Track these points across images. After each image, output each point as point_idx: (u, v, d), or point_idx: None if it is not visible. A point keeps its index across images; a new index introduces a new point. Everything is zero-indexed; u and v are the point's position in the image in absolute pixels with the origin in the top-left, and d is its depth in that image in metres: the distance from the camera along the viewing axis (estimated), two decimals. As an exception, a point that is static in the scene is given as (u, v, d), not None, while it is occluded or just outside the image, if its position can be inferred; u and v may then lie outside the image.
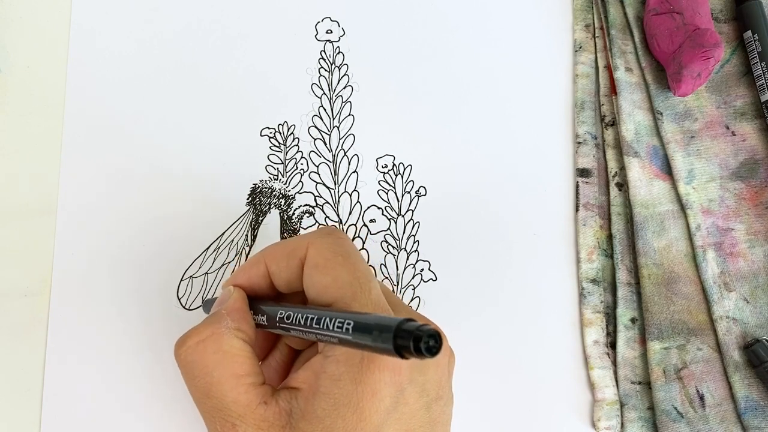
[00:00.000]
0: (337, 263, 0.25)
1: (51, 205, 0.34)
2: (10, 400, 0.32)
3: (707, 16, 0.37)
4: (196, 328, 0.25)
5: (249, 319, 0.26)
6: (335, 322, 0.21)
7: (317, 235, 0.26)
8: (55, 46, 0.36)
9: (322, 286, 0.24)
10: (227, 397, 0.23)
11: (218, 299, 0.27)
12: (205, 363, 0.24)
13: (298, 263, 0.25)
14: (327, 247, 0.25)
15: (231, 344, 0.24)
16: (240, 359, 0.24)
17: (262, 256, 0.27)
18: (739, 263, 0.35)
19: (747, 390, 0.33)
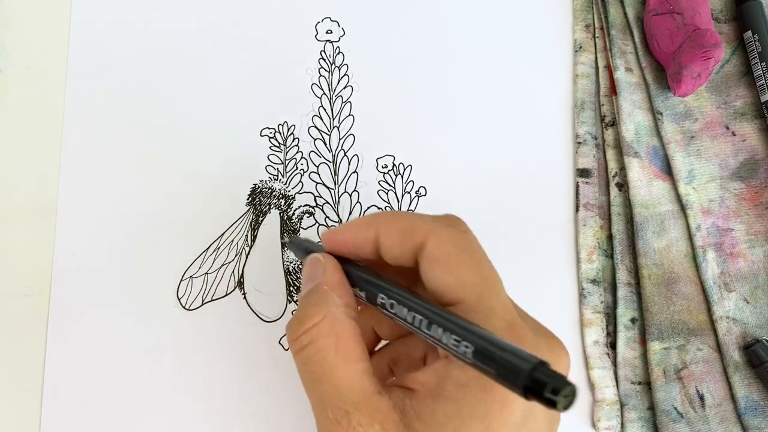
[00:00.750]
0: (461, 260, 0.23)
1: (51, 205, 0.34)
2: (10, 400, 0.32)
3: (707, 17, 0.37)
4: (307, 310, 0.23)
5: (351, 292, 0.24)
6: (452, 339, 0.20)
7: (438, 225, 0.24)
8: (55, 46, 0.36)
9: (443, 283, 0.23)
10: (342, 383, 0.22)
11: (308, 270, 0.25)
12: (320, 346, 0.22)
13: (412, 247, 0.23)
14: (450, 241, 0.23)
15: (343, 326, 0.23)
16: (352, 342, 0.23)
17: (375, 221, 0.25)
18: (739, 263, 0.35)
19: (747, 390, 0.33)
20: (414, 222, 0.24)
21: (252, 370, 0.33)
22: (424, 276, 0.23)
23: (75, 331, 0.33)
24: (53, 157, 0.35)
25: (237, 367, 0.33)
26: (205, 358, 0.33)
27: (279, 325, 0.34)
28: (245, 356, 0.33)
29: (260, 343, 0.33)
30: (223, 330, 0.33)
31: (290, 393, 0.33)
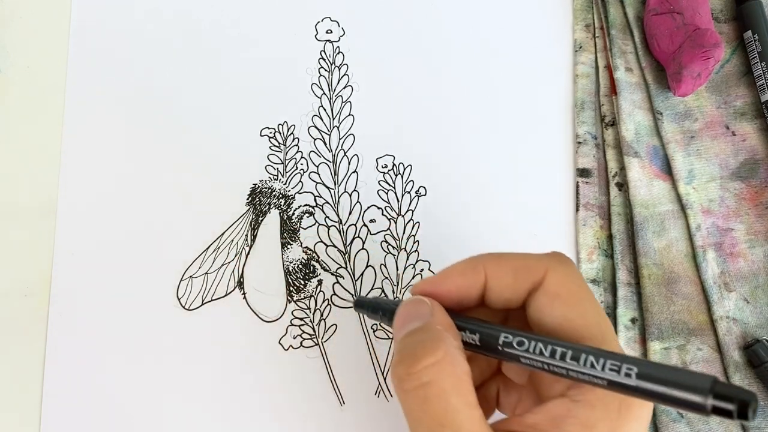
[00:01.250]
0: (583, 297, 0.23)
1: (51, 205, 0.34)
2: (10, 400, 0.32)
3: (707, 16, 0.37)
4: (424, 346, 0.22)
5: (459, 334, 0.23)
6: (608, 364, 0.19)
7: (555, 261, 0.23)
8: (55, 46, 0.36)
9: (565, 320, 0.22)
10: (464, 427, 0.21)
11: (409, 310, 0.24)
12: (443, 387, 0.21)
13: (528, 286, 0.23)
14: (570, 277, 0.23)
15: (463, 367, 0.22)
16: (470, 385, 0.21)
17: (481, 264, 0.24)
18: (739, 263, 0.35)
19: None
20: (527, 260, 0.23)
21: (252, 370, 0.33)
22: (538, 314, 0.23)
23: (75, 330, 0.33)
24: (53, 157, 0.35)
25: (237, 367, 0.33)
26: (205, 358, 0.33)
27: (279, 325, 0.34)
28: (245, 356, 0.33)
29: (260, 343, 0.33)
30: (223, 330, 0.33)
31: (290, 393, 0.33)
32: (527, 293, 0.23)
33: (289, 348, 0.34)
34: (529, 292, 0.23)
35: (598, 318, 0.22)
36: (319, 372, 0.33)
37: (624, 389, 0.19)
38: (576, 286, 0.23)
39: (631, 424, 0.21)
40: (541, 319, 0.23)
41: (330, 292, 0.34)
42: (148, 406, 0.32)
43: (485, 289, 0.24)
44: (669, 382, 0.18)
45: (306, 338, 0.34)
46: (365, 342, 0.34)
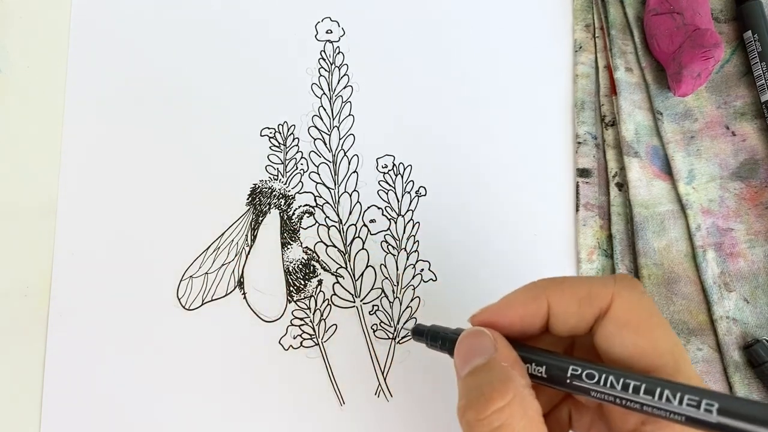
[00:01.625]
0: (654, 325, 0.22)
1: (51, 205, 0.34)
2: (10, 400, 0.32)
3: (707, 16, 0.37)
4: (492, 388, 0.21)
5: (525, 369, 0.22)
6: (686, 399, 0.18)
7: (623, 286, 0.22)
8: (55, 46, 0.36)
9: (636, 349, 0.21)
10: None
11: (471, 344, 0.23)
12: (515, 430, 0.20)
13: (594, 313, 0.22)
14: (640, 304, 0.22)
15: (533, 407, 0.21)
16: (541, 425, 0.21)
17: (543, 292, 0.23)
18: (739, 263, 0.35)
19: (747, 390, 0.33)
20: (592, 286, 0.22)
21: (252, 370, 0.33)
22: (606, 343, 0.22)
23: (75, 330, 0.33)
24: (53, 157, 0.35)
25: (237, 367, 0.33)
26: (204, 358, 0.33)
27: (279, 325, 0.34)
28: (245, 356, 0.33)
29: (260, 343, 0.33)
30: (223, 330, 0.33)
31: (290, 393, 0.33)
32: (593, 320, 0.22)
33: (289, 348, 0.34)
34: (595, 318, 0.22)
35: (672, 346, 0.21)
36: (319, 372, 0.33)
37: (703, 426, 0.18)
38: (646, 312, 0.22)
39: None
40: (610, 349, 0.22)
41: (330, 292, 0.34)
42: (148, 406, 0.32)
43: (549, 317, 0.23)
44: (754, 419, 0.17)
45: (306, 338, 0.34)
46: (365, 342, 0.34)
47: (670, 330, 0.22)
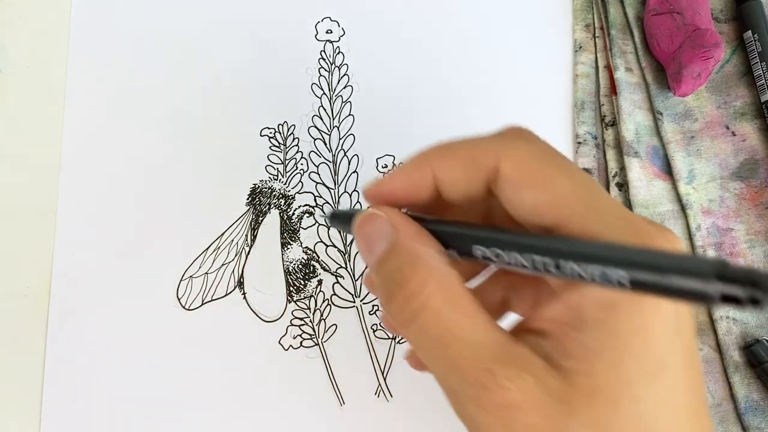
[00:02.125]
0: (550, 173, 0.20)
1: (51, 205, 0.34)
2: (10, 401, 0.32)
3: (707, 16, 0.37)
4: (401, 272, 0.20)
5: (433, 238, 0.21)
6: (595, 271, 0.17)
7: (509, 143, 0.21)
8: (55, 46, 0.36)
9: (539, 204, 0.19)
10: (470, 340, 0.19)
11: (375, 228, 0.21)
12: (434, 307, 0.19)
13: (482, 176, 0.20)
14: (530, 156, 0.20)
15: (449, 276, 0.19)
16: (463, 292, 0.19)
17: (427, 161, 0.21)
18: (739, 263, 0.35)
19: (747, 390, 0.33)
20: (475, 148, 0.21)
21: (252, 370, 0.33)
22: (508, 206, 0.20)
23: (74, 330, 0.33)
24: (53, 157, 0.35)
25: (237, 367, 0.33)
26: (204, 358, 0.33)
27: (279, 325, 0.34)
28: (245, 356, 0.33)
29: (260, 343, 0.33)
30: (223, 330, 0.33)
31: (290, 393, 0.33)
32: (485, 183, 0.21)
33: (289, 348, 0.33)
34: (487, 181, 0.20)
35: (574, 188, 0.19)
36: (319, 372, 0.33)
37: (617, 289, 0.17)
38: (537, 162, 0.20)
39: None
40: (515, 211, 0.20)
41: (330, 292, 0.34)
42: (147, 406, 0.32)
43: (439, 184, 0.21)
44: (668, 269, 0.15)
45: (306, 338, 0.34)
46: (365, 342, 0.34)
47: (572, 172, 0.20)
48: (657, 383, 0.18)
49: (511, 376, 0.18)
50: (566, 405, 0.18)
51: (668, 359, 0.19)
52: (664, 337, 0.19)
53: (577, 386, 0.18)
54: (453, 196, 0.21)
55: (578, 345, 0.19)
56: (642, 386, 0.18)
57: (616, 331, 0.18)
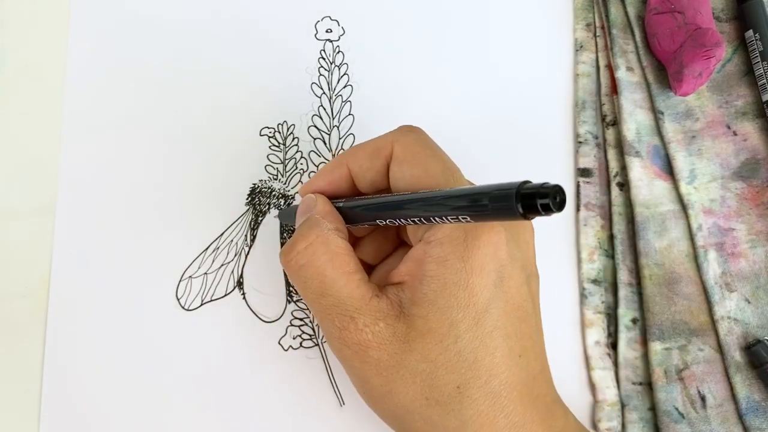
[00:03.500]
0: (426, 155, 0.25)
1: (50, 205, 0.34)
2: (9, 401, 0.32)
3: (708, 16, 0.37)
4: (300, 234, 0.25)
5: (341, 219, 0.27)
6: (444, 198, 0.21)
7: (401, 133, 0.26)
8: (55, 46, 0.36)
9: (413, 177, 0.25)
10: (342, 293, 0.24)
11: (301, 207, 0.27)
12: (317, 264, 0.25)
13: (383, 162, 0.26)
14: (414, 142, 0.26)
15: (337, 244, 0.25)
16: (347, 257, 0.25)
17: (343, 159, 0.27)
18: (740, 263, 0.35)
19: (748, 391, 0.33)
20: (379, 140, 0.27)
21: (251, 371, 0.33)
22: (394, 179, 0.26)
23: (74, 331, 0.33)
24: (52, 157, 0.35)
25: (236, 368, 0.33)
26: (204, 359, 0.33)
27: (278, 325, 0.34)
28: (244, 356, 0.33)
29: (259, 343, 0.33)
30: (222, 330, 0.33)
31: (290, 393, 0.33)
32: (385, 169, 0.26)
33: (288, 348, 0.33)
34: (386, 168, 0.26)
35: (442, 169, 0.25)
36: (319, 372, 0.33)
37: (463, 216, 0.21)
38: (419, 146, 0.26)
39: (481, 250, 0.23)
40: (396, 185, 0.26)
41: (330, 293, 0.34)
42: (147, 407, 0.32)
43: (354, 176, 0.27)
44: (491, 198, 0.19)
45: (306, 338, 0.34)
46: (365, 342, 0.34)
47: (443, 158, 0.26)
48: (477, 327, 0.23)
49: (367, 322, 0.24)
50: (406, 344, 0.24)
51: (489, 309, 0.23)
52: (486, 291, 0.23)
53: (416, 328, 0.24)
54: (365, 186, 0.27)
55: (421, 295, 0.24)
56: (463, 328, 0.23)
57: (445, 283, 0.23)
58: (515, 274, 0.25)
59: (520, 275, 0.25)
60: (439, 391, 0.23)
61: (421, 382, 0.24)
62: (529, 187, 0.18)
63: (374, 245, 0.30)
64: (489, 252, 0.24)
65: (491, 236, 0.24)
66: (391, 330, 0.24)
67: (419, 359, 0.23)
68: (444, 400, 0.23)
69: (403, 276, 0.25)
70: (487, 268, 0.23)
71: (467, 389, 0.23)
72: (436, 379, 0.23)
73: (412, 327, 0.24)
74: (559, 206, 0.18)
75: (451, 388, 0.23)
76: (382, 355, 0.24)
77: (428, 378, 0.23)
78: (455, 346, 0.23)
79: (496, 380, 0.24)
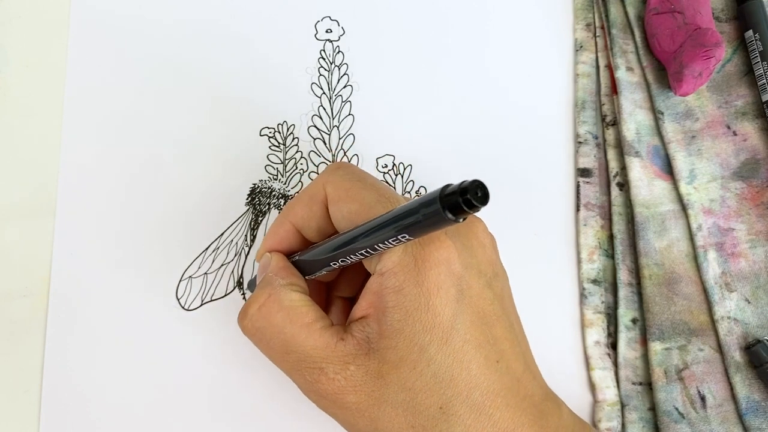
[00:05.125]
0: (358, 189, 0.25)
1: (50, 205, 0.34)
2: (9, 402, 0.32)
3: (708, 16, 0.37)
4: (253, 296, 0.25)
5: (296, 272, 0.27)
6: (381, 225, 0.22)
7: (329, 173, 0.26)
8: (55, 46, 0.36)
9: (351, 213, 0.25)
10: (306, 346, 0.24)
11: (259, 268, 0.28)
12: (273, 323, 0.25)
13: (321, 207, 0.26)
14: (343, 178, 0.26)
15: (290, 298, 0.25)
16: (304, 309, 0.25)
17: (284, 216, 0.27)
18: (740, 263, 0.35)
19: (748, 391, 0.33)
20: (311, 187, 0.26)
21: (251, 370, 0.33)
22: (335, 220, 0.26)
23: (73, 331, 0.33)
24: (52, 157, 0.35)
25: (236, 367, 0.33)
26: (204, 359, 0.33)
27: (278, 325, 0.34)
28: (244, 356, 0.33)
29: (260, 344, 0.33)
30: (222, 330, 0.33)
31: (290, 393, 0.33)
32: (326, 213, 0.26)
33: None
34: (326, 211, 0.26)
35: (377, 196, 0.24)
36: (318, 372, 0.33)
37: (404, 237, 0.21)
38: (349, 182, 0.25)
39: (434, 270, 0.23)
40: (339, 224, 0.26)
41: (330, 293, 0.34)
42: (147, 406, 0.32)
43: (300, 229, 0.27)
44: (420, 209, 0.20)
45: (306, 339, 0.34)
46: (365, 342, 0.34)
47: (376, 185, 0.25)
48: (446, 345, 0.23)
49: (337, 369, 0.23)
50: (381, 379, 0.23)
51: (455, 325, 0.23)
52: (448, 308, 0.23)
53: (388, 361, 0.23)
54: (311, 235, 0.27)
55: (387, 326, 0.23)
56: (433, 350, 0.23)
57: (407, 311, 0.23)
58: (474, 282, 0.24)
59: (479, 281, 0.25)
60: (423, 416, 0.23)
61: (403, 412, 0.23)
62: (450, 189, 0.19)
63: (346, 280, 0.30)
64: (442, 270, 0.23)
65: (441, 253, 0.23)
66: (363, 370, 0.23)
67: (397, 390, 0.23)
68: (430, 424, 0.23)
69: (365, 310, 0.24)
70: (444, 286, 0.23)
71: (450, 407, 0.23)
72: (417, 405, 0.23)
73: (384, 360, 0.23)
74: (482, 200, 0.18)
75: (434, 410, 0.23)
76: (360, 397, 0.24)
77: (410, 406, 0.23)
78: (429, 369, 0.23)
79: (477, 392, 0.23)
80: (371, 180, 0.26)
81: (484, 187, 0.18)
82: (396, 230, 0.21)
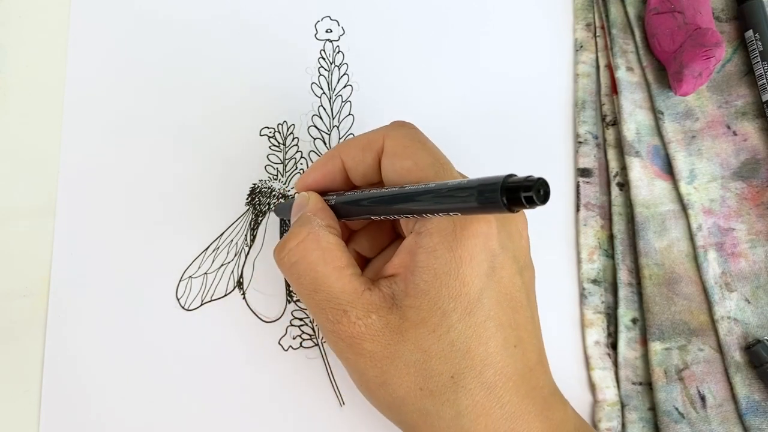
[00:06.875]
0: (416, 148, 0.25)
1: (50, 205, 0.34)
2: (9, 402, 0.32)
3: (708, 16, 0.37)
4: (292, 232, 0.26)
5: (333, 215, 0.27)
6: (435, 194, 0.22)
7: (392, 128, 0.27)
8: (55, 46, 0.36)
9: (403, 170, 0.25)
10: (335, 288, 0.25)
11: (295, 206, 0.28)
12: (309, 260, 0.25)
13: (374, 156, 0.26)
14: (404, 136, 0.26)
15: (328, 240, 0.25)
16: (338, 253, 0.25)
17: (337, 151, 0.28)
18: (740, 263, 0.35)
19: (748, 391, 0.33)
20: (370, 134, 0.27)
21: (251, 371, 0.33)
22: (385, 172, 0.26)
23: (73, 331, 0.33)
24: (52, 157, 0.35)
25: (236, 368, 0.33)
26: (204, 359, 0.33)
27: (278, 325, 0.34)
28: (244, 356, 0.33)
29: (259, 343, 0.33)
30: (222, 330, 0.33)
31: (290, 393, 0.33)
32: (377, 163, 0.26)
33: (288, 348, 0.33)
34: (378, 161, 0.26)
35: (432, 161, 0.25)
36: (319, 372, 0.33)
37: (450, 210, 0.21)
38: (409, 140, 0.26)
39: (470, 240, 0.23)
40: (388, 176, 0.26)
41: (330, 293, 0.34)
42: (146, 407, 0.32)
43: (347, 170, 0.28)
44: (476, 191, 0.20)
45: (306, 338, 0.34)
46: (365, 342, 0.34)
47: (435, 150, 0.26)
48: (469, 317, 0.23)
49: (360, 315, 0.24)
50: (399, 335, 0.24)
51: (482, 299, 0.24)
52: (477, 280, 0.23)
53: (409, 319, 0.24)
54: (358, 179, 0.28)
55: (413, 285, 0.24)
56: (455, 318, 0.23)
57: (436, 274, 0.23)
58: (507, 264, 0.25)
59: (513, 266, 0.25)
60: (433, 381, 0.24)
61: (414, 373, 0.24)
62: (514, 180, 0.18)
63: (370, 238, 0.30)
64: (479, 242, 0.24)
65: (480, 226, 0.24)
66: (384, 321, 0.24)
67: (412, 349, 0.24)
68: (438, 390, 0.24)
69: (397, 268, 0.25)
70: (478, 258, 0.24)
71: (461, 379, 0.23)
72: (429, 369, 0.24)
73: (405, 318, 0.24)
74: (543, 199, 0.18)
75: (445, 377, 0.23)
76: (376, 346, 0.24)
77: (422, 368, 0.24)
78: (448, 336, 0.23)
79: (490, 370, 0.24)
80: (430, 144, 0.26)
81: (548, 186, 0.18)
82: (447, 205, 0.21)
